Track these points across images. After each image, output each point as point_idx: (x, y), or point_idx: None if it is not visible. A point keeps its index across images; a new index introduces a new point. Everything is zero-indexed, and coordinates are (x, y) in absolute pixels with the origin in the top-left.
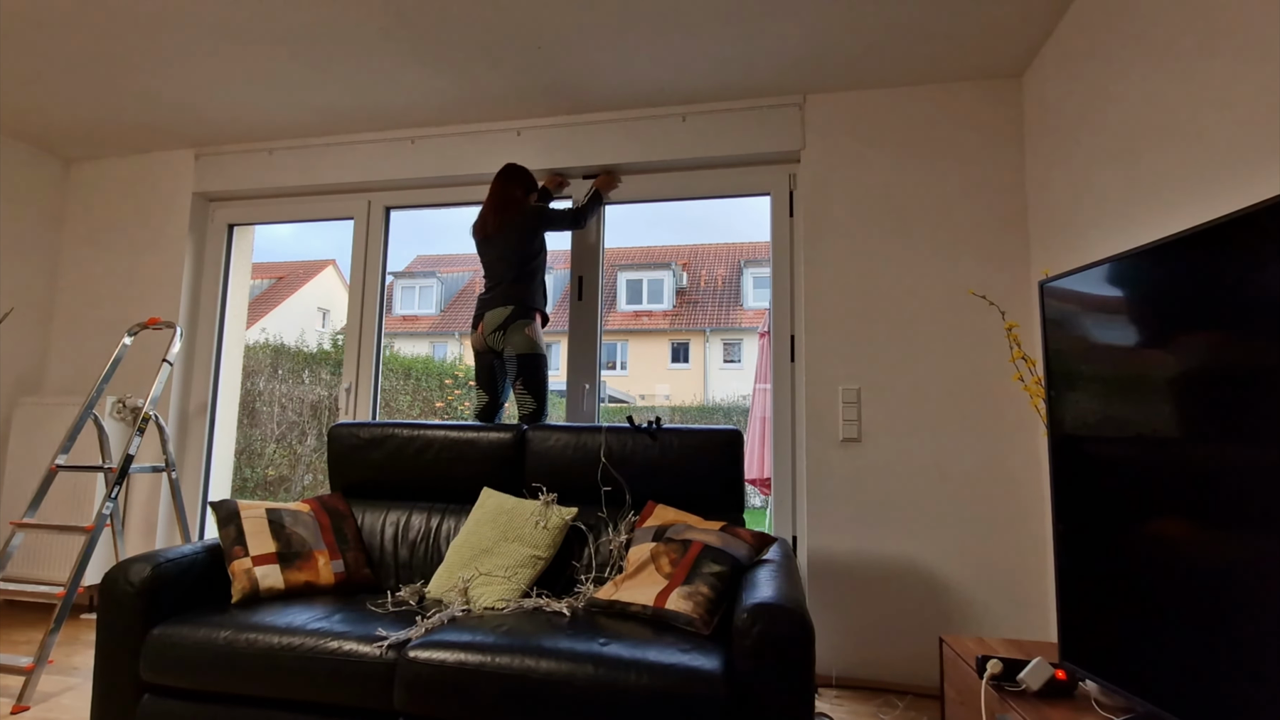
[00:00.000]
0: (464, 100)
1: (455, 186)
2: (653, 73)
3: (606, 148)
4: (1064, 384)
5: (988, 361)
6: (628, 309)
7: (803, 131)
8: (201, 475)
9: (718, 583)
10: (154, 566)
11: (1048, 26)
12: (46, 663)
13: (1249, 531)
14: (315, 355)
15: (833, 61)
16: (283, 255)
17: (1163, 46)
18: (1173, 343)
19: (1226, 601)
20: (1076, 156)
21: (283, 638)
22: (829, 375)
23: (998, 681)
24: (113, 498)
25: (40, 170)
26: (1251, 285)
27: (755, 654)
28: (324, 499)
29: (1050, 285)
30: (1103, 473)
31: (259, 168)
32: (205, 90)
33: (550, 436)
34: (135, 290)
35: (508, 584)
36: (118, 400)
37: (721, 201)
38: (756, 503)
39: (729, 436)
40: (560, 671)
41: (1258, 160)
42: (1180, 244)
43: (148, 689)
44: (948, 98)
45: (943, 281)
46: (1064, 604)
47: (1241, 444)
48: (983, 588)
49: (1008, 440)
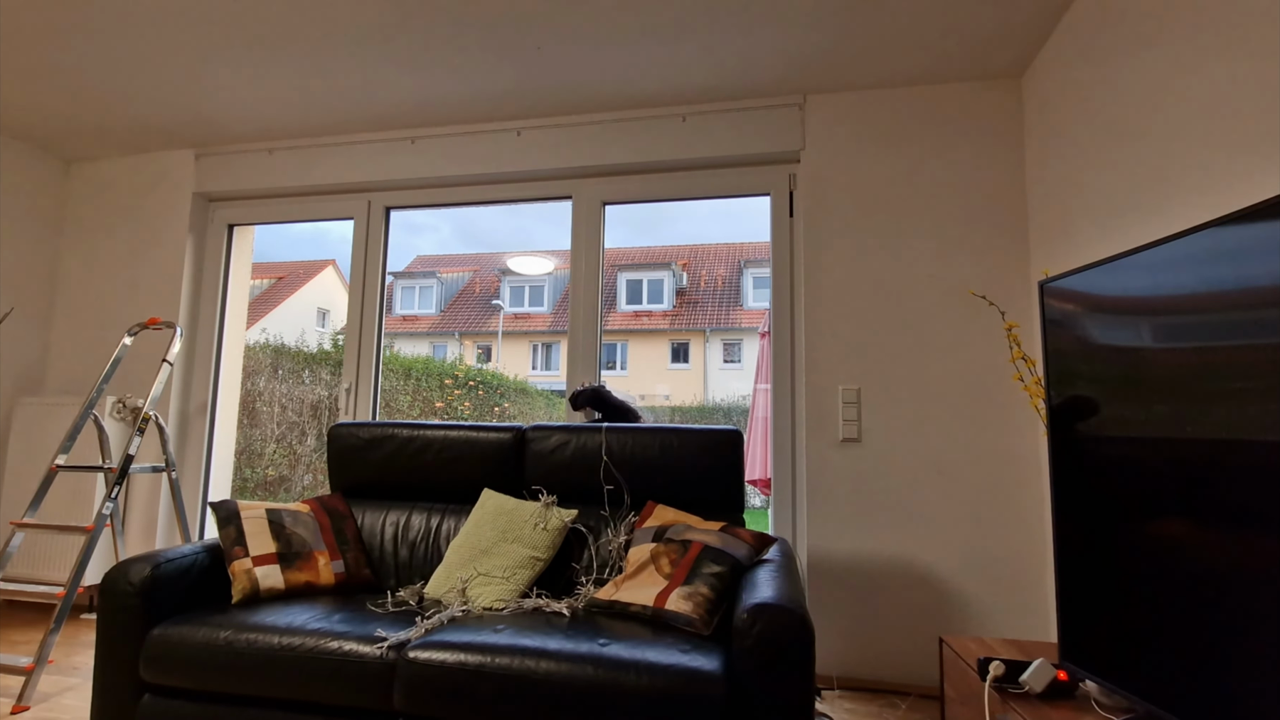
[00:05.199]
0: (464, 100)
1: (455, 186)
2: (653, 73)
3: (606, 148)
4: (1064, 384)
5: (988, 361)
6: (628, 309)
7: (803, 131)
8: (201, 475)
9: (718, 583)
10: (154, 566)
11: (1048, 26)
12: (46, 663)
13: (1249, 532)
14: (315, 355)
15: (833, 61)
16: (282, 256)
17: (1162, 46)
18: (1172, 342)
19: (1227, 602)
20: (1076, 156)
21: (283, 638)
22: (829, 375)
23: (1000, 683)
24: (113, 498)
25: (40, 170)
26: (1251, 282)
27: (755, 654)
28: (324, 499)
29: (1050, 285)
30: (1103, 473)
31: (259, 168)
32: (205, 90)
33: (550, 436)
34: (135, 290)
35: (506, 585)
36: (118, 400)
37: (715, 201)
38: (756, 503)
39: (729, 437)
40: (560, 672)
41: (1258, 159)
42: (1180, 243)
43: (148, 689)
44: (948, 98)
45: (943, 281)
46: (1064, 604)
47: (1242, 443)
48: (983, 587)
49: (1008, 440)
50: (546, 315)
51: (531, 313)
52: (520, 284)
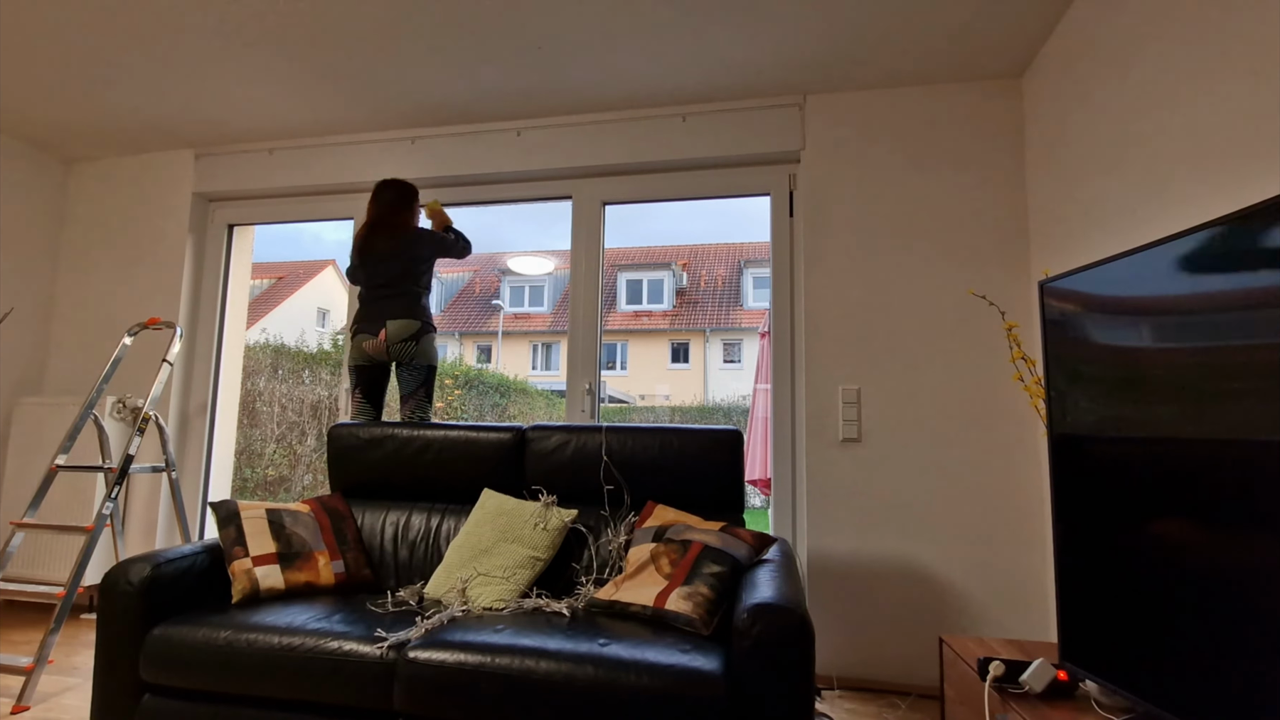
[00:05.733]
0: (464, 100)
1: (455, 186)
2: (653, 73)
3: (606, 148)
4: (1064, 384)
5: (988, 361)
6: (628, 309)
7: (803, 131)
8: (201, 475)
9: (718, 583)
10: (154, 566)
11: (1048, 27)
12: (46, 663)
13: (1250, 531)
14: (315, 355)
15: (833, 61)
16: (283, 255)
17: (1162, 46)
18: (1172, 342)
19: (1227, 601)
20: (1076, 156)
21: (283, 638)
22: (829, 375)
23: (1000, 683)
24: (113, 498)
25: (40, 170)
26: (1250, 282)
27: (755, 654)
28: (324, 499)
29: (1050, 285)
30: (1103, 473)
31: (259, 168)
32: (205, 90)
33: (550, 436)
34: (135, 290)
35: (506, 584)
36: (118, 400)
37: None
38: (757, 503)
39: (729, 437)
40: (560, 672)
41: (1258, 160)
42: (1180, 243)
43: (148, 689)
44: (948, 98)
45: (943, 281)
46: (1064, 604)
47: (1242, 443)
48: (983, 587)
49: (1008, 440)
50: (546, 315)
51: (531, 313)
52: (520, 284)
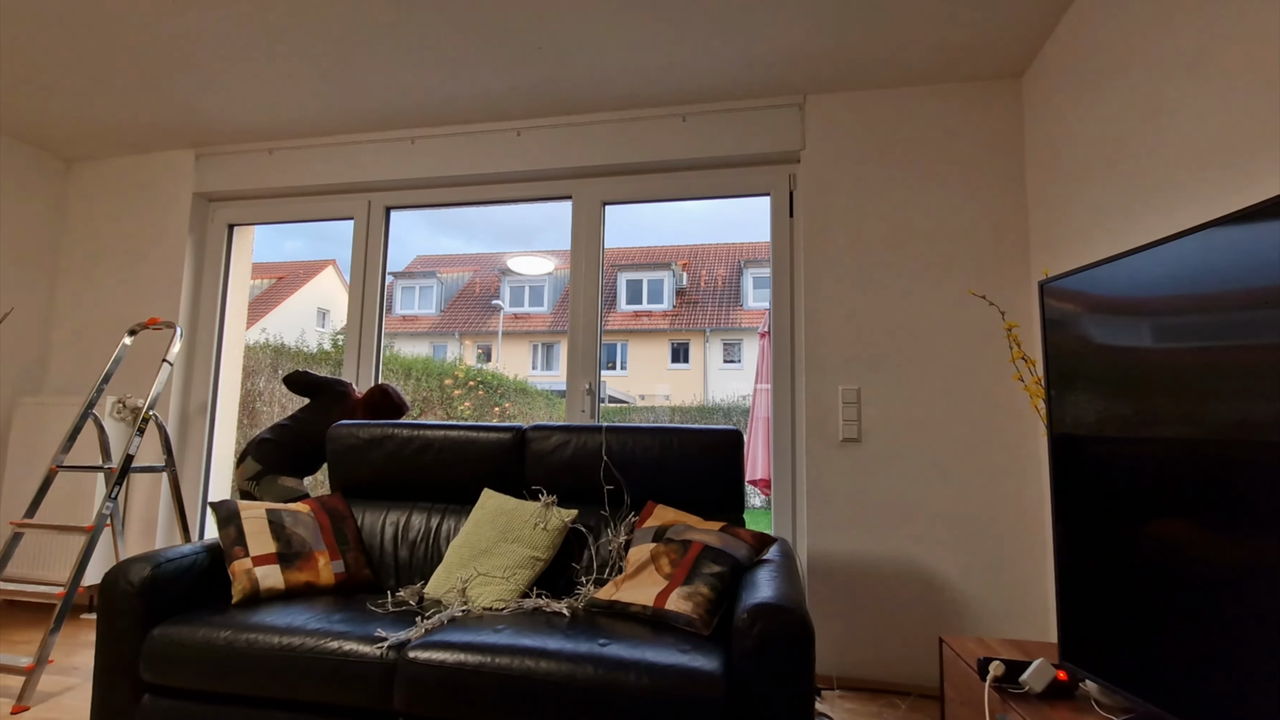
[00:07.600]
0: (464, 100)
1: (455, 186)
2: (653, 73)
3: (606, 148)
4: (1064, 384)
5: (988, 362)
6: (628, 309)
7: (803, 132)
8: (201, 475)
9: (718, 583)
10: (154, 566)
11: (1047, 27)
12: (46, 663)
13: (1250, 532)
14: (315, 355)
15: (833, 62)
16: (282, 255)
17: (1162, 46)
18: (1172, 342)
19: (1227, 601)
20: (1076, 156)
21: (283, 638)
22: (829, 375)
23: (1000, 683)
24: (113, 498)
25: (40, 170)
26: (1250, 283)
27: (755, 654)
28: (324, 499)
29: (1050, 285)
30: (1103, 472)
31: (259, 168)
32: (205, 90)
33: (550, 436)
34: (135, 290)
35: (506, 585)
36: (118, 400)
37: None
38: (757, 503)
39: (729, 437)
40: (560, 672)
41: (1258, 159)
42: (1181, 243)
43: (148, 689)
44: (948, 98)
45: (943, 281)
46: (1064, 604)
47: (1242, 443)
48: (983, 587)
49: (1008, 440)
50: (546, 315)
51: (531, 313)
52: (520, 284)
